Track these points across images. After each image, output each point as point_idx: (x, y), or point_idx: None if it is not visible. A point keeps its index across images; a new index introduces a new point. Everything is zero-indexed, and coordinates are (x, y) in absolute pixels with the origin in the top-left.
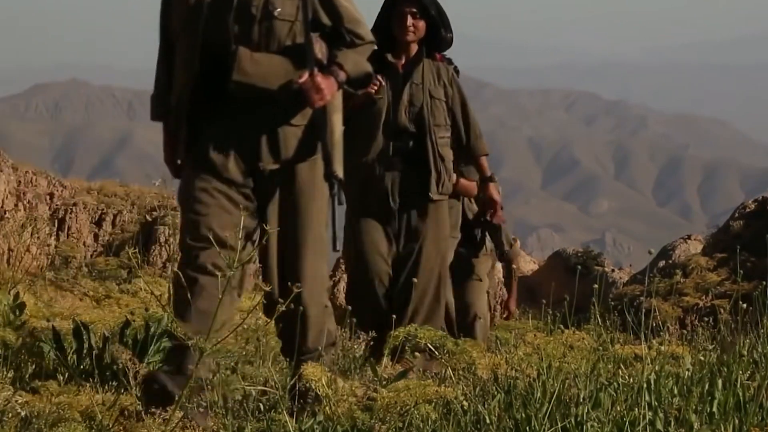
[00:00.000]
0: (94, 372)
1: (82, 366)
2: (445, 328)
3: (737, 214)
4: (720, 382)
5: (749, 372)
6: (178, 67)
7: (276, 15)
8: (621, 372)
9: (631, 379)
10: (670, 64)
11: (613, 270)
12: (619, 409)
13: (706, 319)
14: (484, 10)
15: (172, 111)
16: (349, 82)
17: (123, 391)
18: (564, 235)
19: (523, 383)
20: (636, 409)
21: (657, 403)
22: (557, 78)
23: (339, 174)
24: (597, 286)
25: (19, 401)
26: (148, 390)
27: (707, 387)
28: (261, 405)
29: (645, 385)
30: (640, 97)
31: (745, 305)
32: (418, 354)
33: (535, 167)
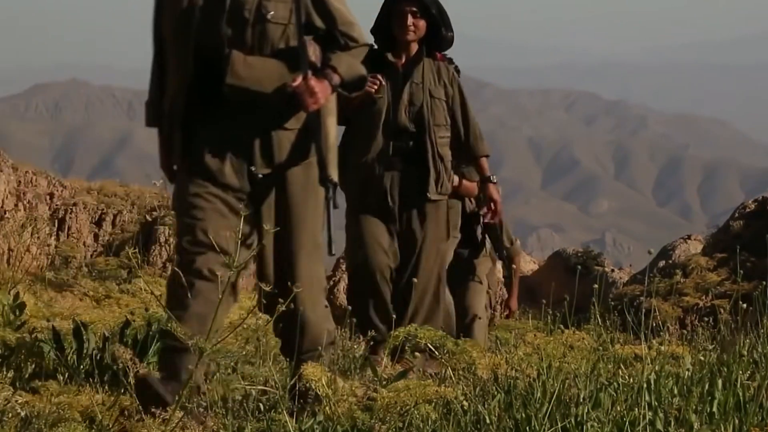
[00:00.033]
0: (94, 372)
1: (82, 366)
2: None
3: (737, 214)
4: (720, 382)
5: (749, 372)
6: (171, 72)
7: (269, 18)
8: (621, 372)
9: (631, 379)
10: (670, 64)
11: (613, 270)
12: (619, 409)
13: (706, 319)
14: (484, 10)
15: (166, 116)
16: (343, 85)
17: (123, 391)
18: (564, 235)
19: (523, 383)
20: (636, 409)
21: (657, 403)
22: (557, 78)
23: (334, 178)
24: (597, 286)
25: (19, 401)
26: (141, 395)
27: (707, 387)
28: (261, 405)
29: (645, 385)
30: (640, 97)
31: (745, 305)
32: (418, 354)
33: (535, 167)
